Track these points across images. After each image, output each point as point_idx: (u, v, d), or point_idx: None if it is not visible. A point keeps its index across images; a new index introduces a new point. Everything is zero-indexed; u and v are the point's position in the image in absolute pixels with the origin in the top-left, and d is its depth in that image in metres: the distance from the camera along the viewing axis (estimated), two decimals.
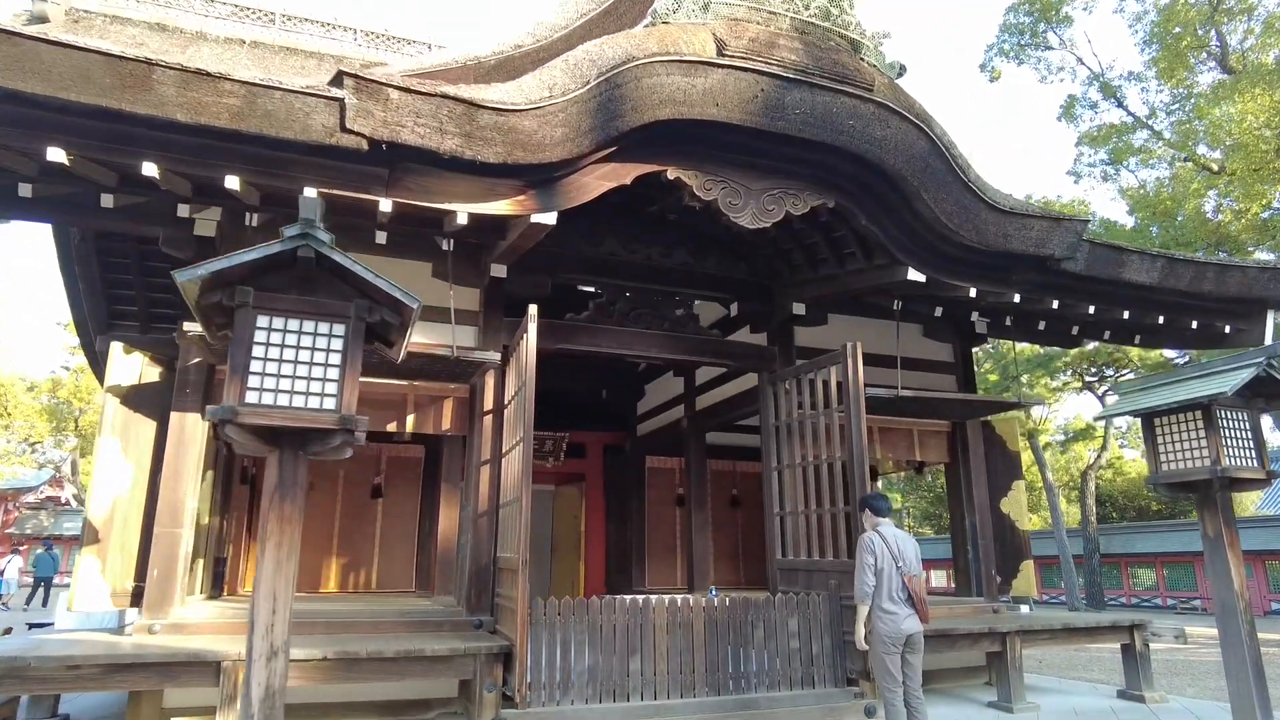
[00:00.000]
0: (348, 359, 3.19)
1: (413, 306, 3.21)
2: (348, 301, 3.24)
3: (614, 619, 5.69)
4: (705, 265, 7.63)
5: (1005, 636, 6.77)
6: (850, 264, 6.74)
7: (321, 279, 3.27)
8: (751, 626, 6.05)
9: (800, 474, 6.99)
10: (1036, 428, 27.32)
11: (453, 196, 4.96)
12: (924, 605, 5.09)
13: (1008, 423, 8.49)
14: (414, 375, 6.54)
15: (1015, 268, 6.28)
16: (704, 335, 7.48)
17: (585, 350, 7.08)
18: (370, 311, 3.27)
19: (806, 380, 7.03)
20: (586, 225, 7.25)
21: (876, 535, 5.26)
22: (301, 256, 3.08)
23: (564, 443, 12.50)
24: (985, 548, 7.96)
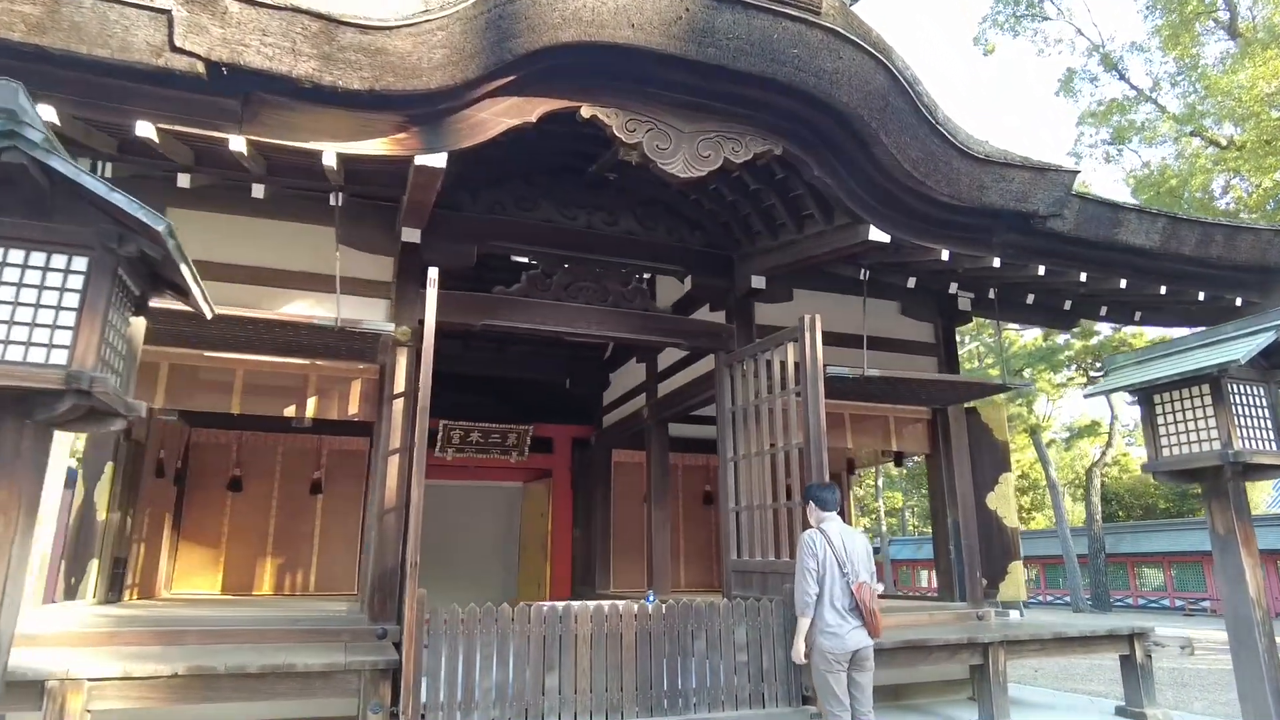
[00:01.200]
0: (88, 301, 2.44)
1: (158, 229, 2.45)
2: (86, 227, 2.48)
3: (528, 629, 4.93)
4: (655, 234, 6.87)
5: (987, 648, 5.99)
6: (809, 227, 5.97)
7: (60, 200, 2.52)
8: (692, 637, 5.29)
9: (756, 465, 6.22)
10: (1039, 424, 26.47)
11: (320, 134, 4.21)
12: (875, 617, 4.33)
13: (995, 409, 7.71)
14: (316, 354, 5.81)
15: (995, 227, 5.50)
16: (653, 311, 6.72)
17: (516, 327, 6.33)
18: (121, 241, 2.52)
19: (764, 361, 6.26)
20: (519, 188, 6.53)
21: (819, 534, 4.49)
22: (7, 163, 2.32)
23: (528, 436, 11.73)
24: (969, 547, 7.18)
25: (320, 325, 4.90)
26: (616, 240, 6.72)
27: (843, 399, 7.17)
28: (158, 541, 8.08)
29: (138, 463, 7.17)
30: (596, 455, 10.74)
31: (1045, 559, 31.08)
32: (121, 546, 6.86)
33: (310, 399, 5.89)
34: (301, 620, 5.32)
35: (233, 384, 5.74)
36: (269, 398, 5.82)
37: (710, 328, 7.00)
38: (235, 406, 5.72)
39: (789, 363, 5.93)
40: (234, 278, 5.80)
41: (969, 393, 6.85)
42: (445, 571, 13.11)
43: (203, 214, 5.83)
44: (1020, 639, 6.13)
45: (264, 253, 5.91)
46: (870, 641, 4.39)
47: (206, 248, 5.79)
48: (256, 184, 5.03)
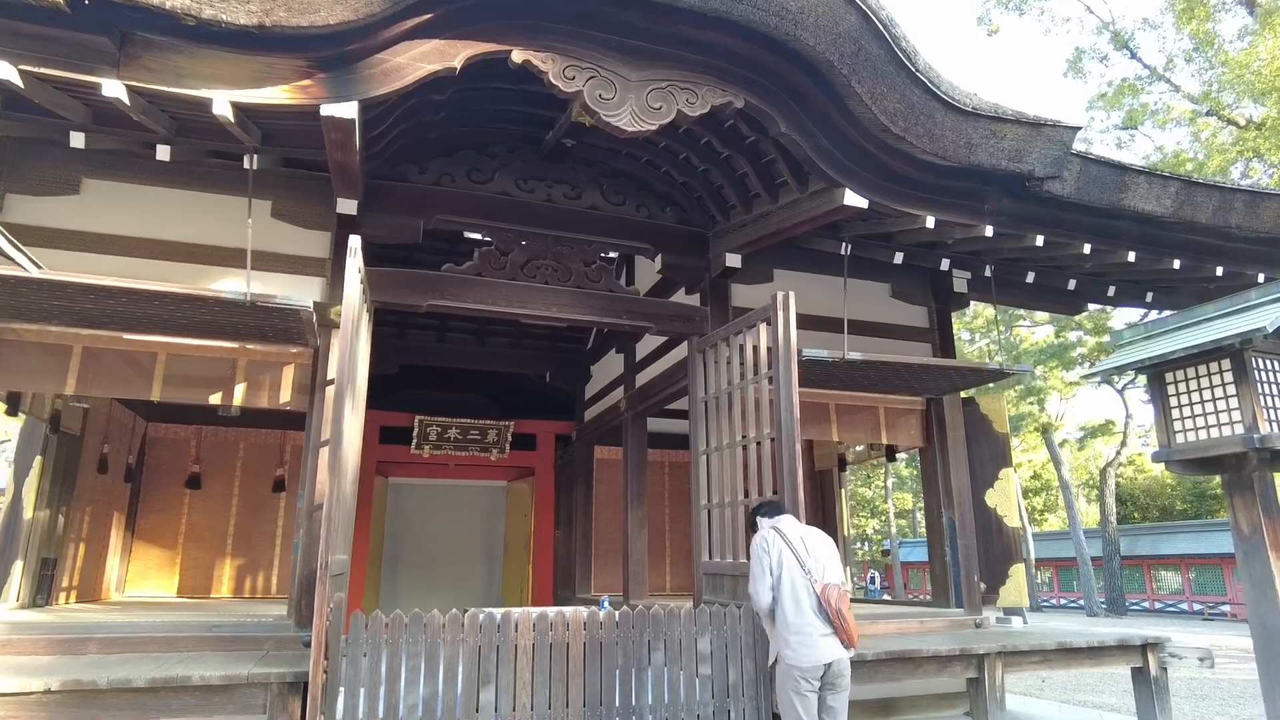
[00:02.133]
0: None
1: None
2: None
3: (462, 638, 4.41)
4: (623, 209, 6.35)
5: (983, 659, 5.43)
6: (784, 196, 5.43)
7: None
8: (649, 647, 4.75)
9: (728, 458, 5.68)
10: (1051, 423, 25.75)
11: (213, 80, 3.72)
12: (847, 624, 3.77)
13: (995, 400, 7.13)
14: (245, 336, 5.32)
15: (986, 192, 4.95)
16: (619, 292, 6.20)
17: (465, 308, 5.81)
18: None
19: (736, 345, 5.73)
20: (471, 158, 6.04)
21: (774, 532, 3.96)
22: None
23: (509, 433, 11.25)
24: (966, 548, 6.61)
25: (229, 300, 4.40)
26: (580, 215, 6.21)
27: (827, 388, 6.63)
28: (103, 541, 7.63)
29: (73, 457, 6.71)
30: (578, 452, 10.22)
31: (1059, 561, 30.31)
32: (51, 546, 6.40)
33: (238, 386, 5.40)
34: (220, 627, 4.83)
35: (153, 369, 5.26)
36: (193, 384, 5.34)
37: (683, 311, 6.46)
38: (155, 393, 5.24)
39: (761, 346, 5.40)
40: (157, 253, 5.35)
41: (963, 380, 6.29)
42: (425, 576, 12.64)
43: (125, 185, 5.39)
44: (1020, 649, 5.56)
45: (190, 227, 5.44)
46: (846, 654, 3.84)
47: (125, 221, 5.34)
48: (163, 145, 4.54)
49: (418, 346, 9.94)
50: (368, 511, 10.77)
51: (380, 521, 11.86)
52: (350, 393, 4.57)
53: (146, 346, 5.25)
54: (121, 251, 5.25)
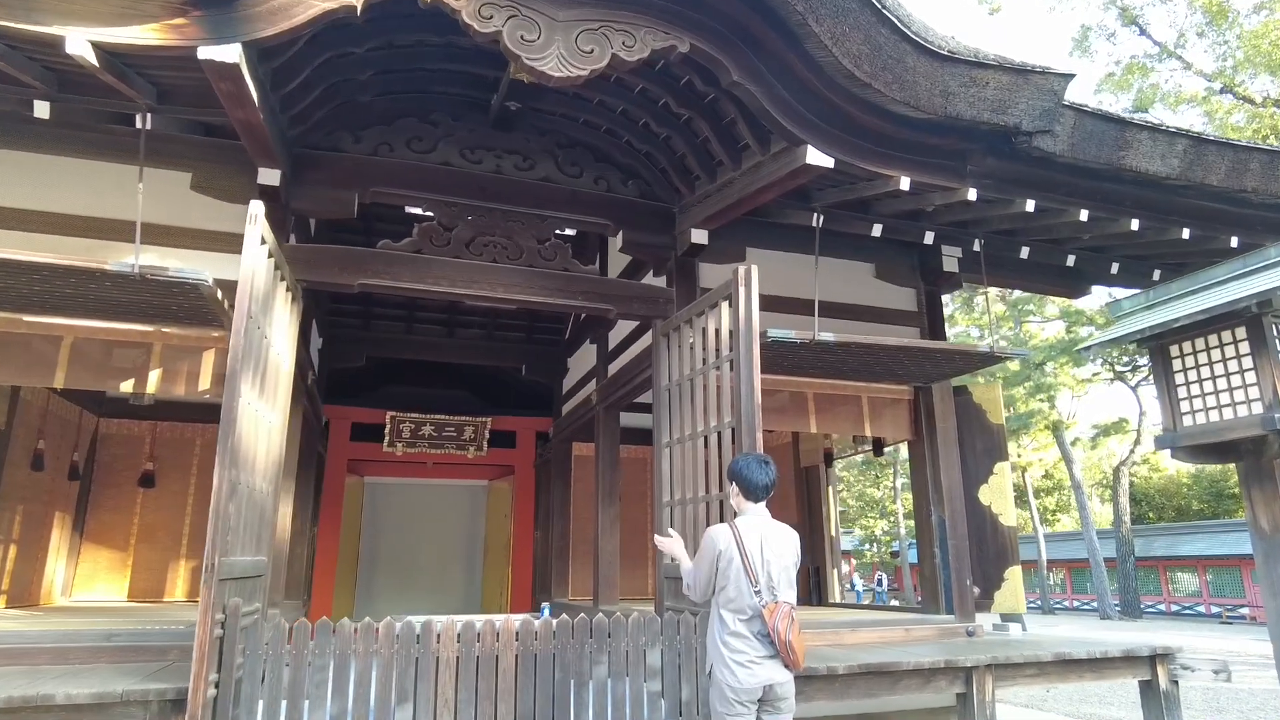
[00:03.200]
0: None
1: None
2: None
3: (376, 650, 3.93)
4: (580, 181, 5.86)
5: (970, 673, 4.90)
6: (747, 160, 4.93)
7: None
8: (591, 661, 4.26)
9: (690, 450, 5.18)
10: (1062, 421, 25.06)
11: (68, 15, 3.26)
12: (794, 653, 3.26)
13: (989, 389, 6.60)
14: (162, 318, 4.87)
15: (968, 150, 4.43)
16: (575, 272, 5.70)
17: (402, 288, 5.34)
18: None
19: (699, 327, 5.22)
20: (412, 126, 5.57)
21: (729, 531, 3.45)
22: None
23: (486, 429, 10.79)
24: (957, 549, 6.08)
25: (114, 273, 3.93)
26: (532, 188, 5.72)
27: (803, 375, 6.12)
28: (41, 543, 7.20)
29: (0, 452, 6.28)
30: (556, 449, 9.73)
31: (1072, 562, 29.59)
32: None
33: (152, 372, 4.95)
34: (118, 635, 4.36)
35: (57, 354, 4.81)
36: (101, 370, 4.89)
37: (646, 292, 5.97)
38: (58, 380, 4.79)
39: (723, 328, 4.89)
40: (63, 229, 4.91)
41: (951, 365, 5.75)
42: (403, 579, 12.19)
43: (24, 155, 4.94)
44: (1013, 661, 5.01)
45: (105, 201, 4.99)
46: (788, 676, 3.33)
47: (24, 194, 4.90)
48: (41, 101, 4.08)
49: (385, 338, 9.48)
50: (337, 512, 10.34)
51: (354, 522, 11.43)
52: (253, 378, 4.10)
53: (50, 330, 4.81)
54: (19, 225, 4.82)
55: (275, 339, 4.60)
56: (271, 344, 4.51)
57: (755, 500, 3.57)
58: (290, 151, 5.23)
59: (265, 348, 4.36)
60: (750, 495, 3.56)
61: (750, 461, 3.61)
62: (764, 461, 3.64)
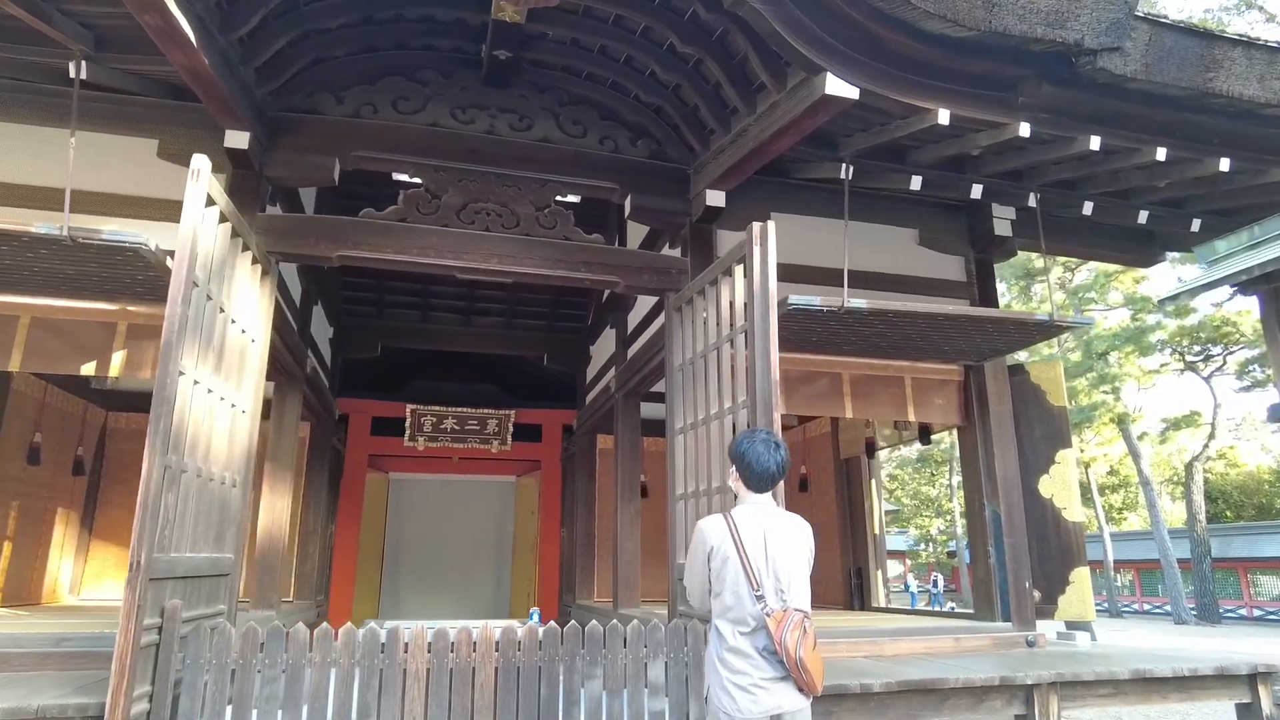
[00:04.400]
0: None
1: None
2: None
3: (333, 659, 3.45)
4: (583, 141, 5.32)
5: (1031, 692, 4.22)
6: (762, 103, 4.32)
7: None
8: (583, 675, 3.71)
9: (702, 436, 4.59)
10: (1128, 414, 23.65)
11: None
12: (808, 673, 2.63)
13: (1049, 368, 5.86)
14: (128, 296, 4.49)
15: (1019, 76, 3.76)
16: (577, 240, 5.17)
17: (385, 259, 4.87)
18: None
19: (712, 298, 4.63)
20: (398, 85, 5.10)
21: (723, 523, 2.87)
22: None
23: (510, 422, 10.34)
24: (1014, 547, 5.38)
25: (43, 235, 3.52)
26: (529, 149, 5.21)
27: (837, 354, 5.49)
28: (42, 540, 6.96)
29: None
30: (580, 441, 9.23)
31: (1140, 563, 28.03)
32: None
33: (116, 354, 4.57)
34: (70, 640, 3.96)
35: (13, 335, 4.46)
36: (61, 353, 4.53)
37: (658, 262, 5.40)
38: (14, 363, 4.44)
39: (738, 297, 4.29)
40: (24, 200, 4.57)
41: (1004, 338, 5.04)
42: (430, 579, 11.82)
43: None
44: (1082, 679, 4.30)
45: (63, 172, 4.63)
46: (803, 703, 2.70)
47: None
48: None
49: (400, 327, 9.10)
50: (357, 508, 10.00)
51: (379, 520, 11.09)
52: (203, 354, 3.66)
53: (5, 309, 4.46)
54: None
55: (238, 314, 4.17)
56: (233, 319, 4.08)
57: (759, 490, 2.97)
58: (265, 115, 4.81)
59: (222, 323, 3.93)
60: (753, 484, 2.97)
61: (754, 441, 3.00)
62: (773, 443, 3.03)
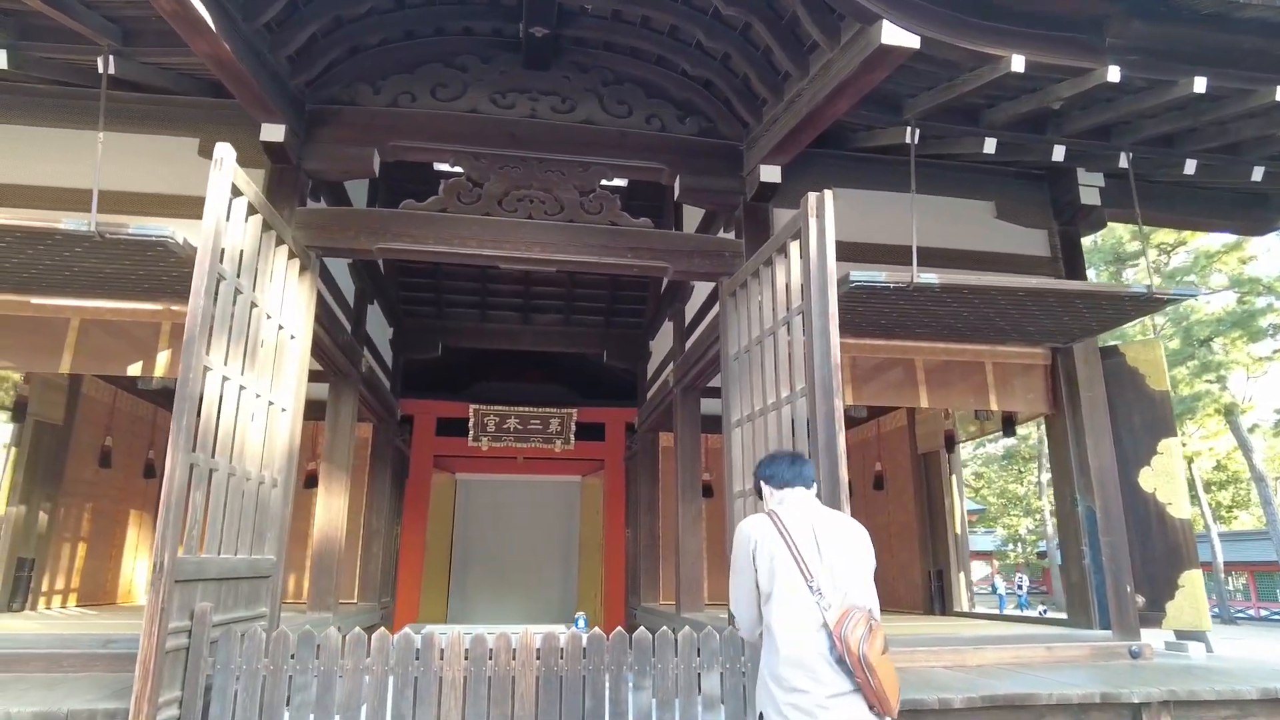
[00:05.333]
0: None
1: None
2: None
3: (366, 666, 3.28)
4: (629, 121, 5.08)
5: (1139, 712, 3.75)
6: (815, 63, 3.98)
7: None
8: (631, 685, 3.45)
9: (759, 429, 4.27)
10: (1237, 405, 21.99)
11: None
12: (877, 681, 2.27)
13: (1148, 349, 5.30)
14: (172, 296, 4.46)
15: (1105, 13, 3.31)
16: (624, 225, 4.91)
17: (426, 251, 4.72)
18: None
19: (767, 280, 4.31)
20: (436, 73, 4.96)
21: (765, 521, 2.56)
22: None
23: (572, 421, 10.19)
24: (1112, 547, 4.86)
25: (71, 231, 3.47)
26: (572, 132, 4.99)
27: (909, 338, 5.08)
28: (115, 541, 7.12)
29: (57, 449, 6.16)
30: (642, 439, 8.96)
31: (1255, 565, 26.06)
32: (30, 546, 5.84)
33: (161, 354, 4.55)
34: (116, 642, 3.92)
35: (64, 336, 4.49)
36: (110, 354, 4.54)
37: (710, 245, 5.10)
38: (65, 365, 4.46)
39: (794, 276, 3.96)
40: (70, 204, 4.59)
41: (1098, 315, 4.53)
42: (497, 582, 11.75)
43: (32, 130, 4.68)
44: (1200, 698, 3.79)
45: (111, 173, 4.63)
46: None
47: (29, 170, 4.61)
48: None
49: (459, 327, 9.04)
50: (423, 509, 10.00)
51: (446, 521, 11.09)
52: (232, 348, 3.55)
53: (58, 312, 4.50)
54: (26, 202, 4.52)
55: (275, 310, 4.07)
56: (268, 314, 3.98)
57: (792, 486, 2.66)
58: (302, 109, 4.73)
59: (256, 318, 3.82)
60: (781, 484, 2.67)
61: (774, 461, 2.76)
62: (796, 457, 2.74)
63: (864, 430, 8.23)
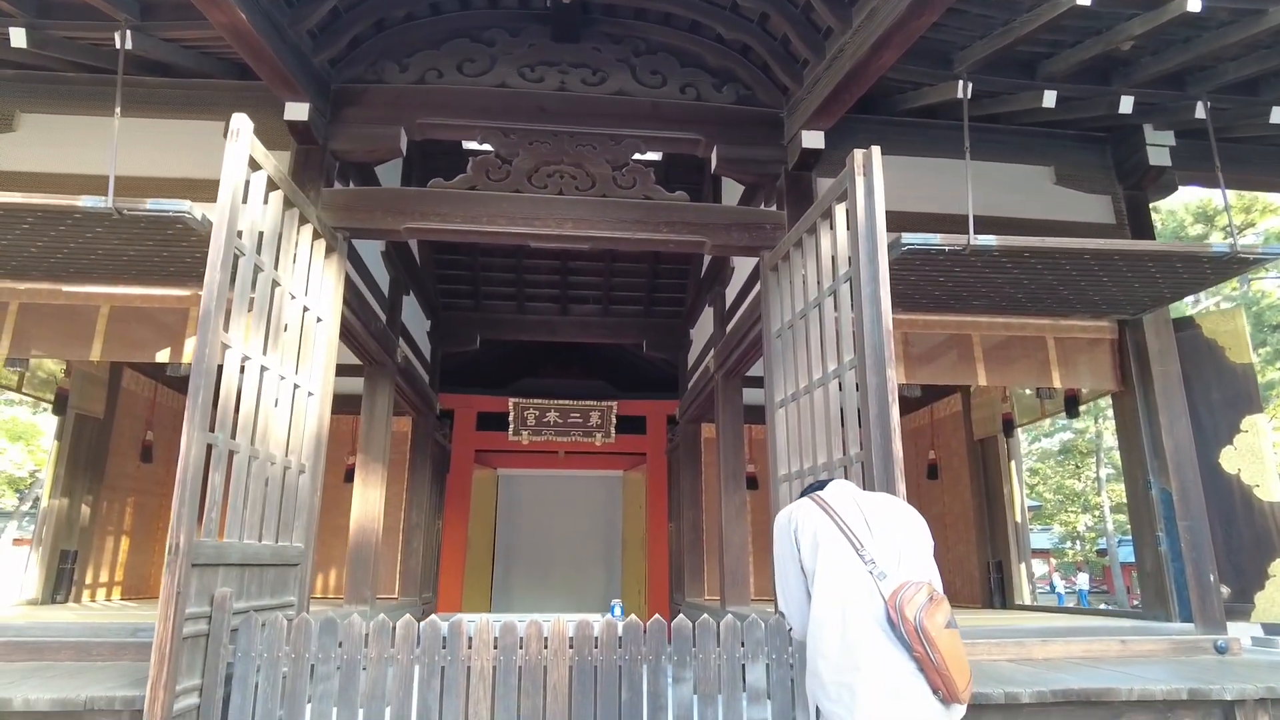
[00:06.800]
0: None
1: None
2: None
3: (391, 655, 3.13)
4: (662, 91, 4.87)
5: (1233, 710, 3.41)
6: (859, 12, 3.72)
7: None
8: (670, 677, 3.23)
9: (805, 407, 4.02)
10: None
11: None
12: (940, 658, 2.01)
13: (1228, 319, 4.90)
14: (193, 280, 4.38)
15: None
16: (658, 199, 4.71)
17: (453, 230, 4.58)
18: None
19: (810, 249, 4.06)
20: (463, 48, 4.82)
21: (808, 502, 2.33)
22: None
23: (613, 414, 10.02)
24: (1191, 533, 4.49)
25: (89, 209, 3.39)
26: (603, 104, 4.81)
27: (964, 313, 4.78)
28: (159, 535, 7.14)
29: (98, 442, 6.18)
30: (684, 431, 8.74)
31: None
32: (72, 538, 5.86)
33: (189, 340, 4.48)
34: (143, 630, 3.83)
35: (94, 324, 4.45)
36: (139, 341, 4.49)
37: (749, 217, 4.87)
38: (96, 352, 4.42)
39: (840, 244, 3.70)
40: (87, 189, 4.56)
41: (1172, 281, 4.16)
42: (539, 577, 11.64)
43: (67, 118, 4.66)
44: None
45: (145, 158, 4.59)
46: (943, 713, 2.07)
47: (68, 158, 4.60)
48: (17, 29, 3.64)
49: (497, 319, 8.93)
50: (465, 503, 9.91)
51: (488, 516, 11.00)
52: (253, 326, 3.44)
53: (88, 300, 4.46)
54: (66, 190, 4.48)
55: (299, 290, 3.96)
56: (292, 294, 3.87)
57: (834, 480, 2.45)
58: (327, 88, 4.63)
59: (279, 298, 3.71)
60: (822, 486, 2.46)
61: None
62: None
63: (917, 418, 7.88)
